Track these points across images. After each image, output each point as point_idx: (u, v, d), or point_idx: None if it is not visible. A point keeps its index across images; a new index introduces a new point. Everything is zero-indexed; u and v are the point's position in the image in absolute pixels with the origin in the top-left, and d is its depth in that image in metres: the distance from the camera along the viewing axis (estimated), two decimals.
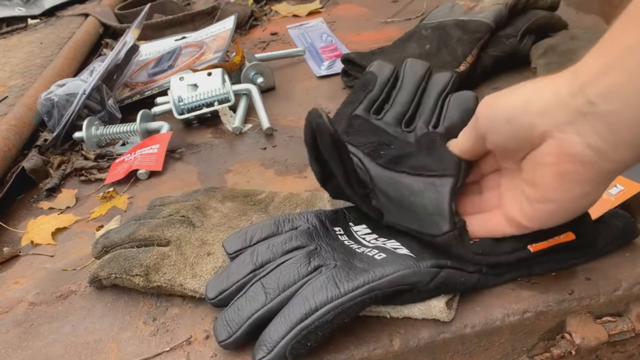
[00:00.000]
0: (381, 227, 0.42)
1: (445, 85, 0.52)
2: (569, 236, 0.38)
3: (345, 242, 0.41)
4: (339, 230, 0.42)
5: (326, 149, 0.37)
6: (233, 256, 0.42)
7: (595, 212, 0.41)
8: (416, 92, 0.52)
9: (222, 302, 0.39)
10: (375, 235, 0.42)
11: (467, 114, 0.47)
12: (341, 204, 0.47)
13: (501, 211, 0.37)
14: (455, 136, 0.40)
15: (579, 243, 0.38)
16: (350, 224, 0.43)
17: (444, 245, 0.38)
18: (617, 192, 0.44)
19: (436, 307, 0.37)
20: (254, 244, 0.42)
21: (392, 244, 0.40)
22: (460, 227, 0.37)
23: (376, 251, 0.39)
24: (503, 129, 0.33)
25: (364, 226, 0.43)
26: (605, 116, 0.28)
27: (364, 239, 0.42)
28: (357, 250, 0.39)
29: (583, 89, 0.29)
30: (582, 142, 0.30)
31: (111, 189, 0.61)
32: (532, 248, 0.37)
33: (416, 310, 0.37)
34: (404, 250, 0.39)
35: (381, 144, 0.45)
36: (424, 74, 0.53)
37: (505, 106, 0.33)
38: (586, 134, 0.29)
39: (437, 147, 0.41)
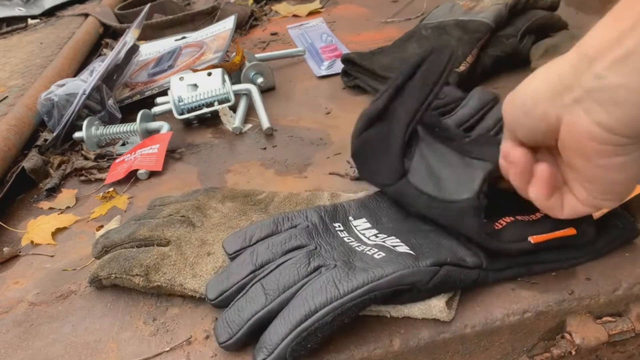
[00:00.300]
0: (381, 222, 0.42)
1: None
2: (570, 231, 0.38)
3: (345, 239, 0.41)
4: (339, 227, 0.42)
5: (433, 70, 0.39)
6: (233, 256, 0.42)
7: (597, 213, 0.41)
8: (479, 111, 0.54)
9: (222, 303, 0.39)
10: (375, 231, 0.42)
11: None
12: (341, 199, 0.47)
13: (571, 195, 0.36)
14: None
15: (579, 240, 0.39)
16: (350, 218, 0.43)
17: (459, 212, 0.38)
18: None
19: (436, 306, 0.37)
20: (254, 243, 0.42)
21: (391, 241, 0.40)
22: (482, 200, 0.38)
23: (376, 250, 0.39)
24: (525, 123, 0.33)
25: (364, 220, 0.43)
26: (613, 90, 0.27)
27: (363, 234, 0.42)
28: (356, 248, 0.39)
29: (591, 65, 0.28)
30: (590, 120, 0.29)
31: (111, 189, 0.61)
32: (533, 239, 0.38)
33: (416, 309, 0.37)
34: (403, 248, 0.39)
35: (441, 127, 0.46)
36: (490, 101, 0.55)
37: (521, 98, 0.33)
38: (593, 111, 0.29)
39: (488, 141, 0.42)
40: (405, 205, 0.43)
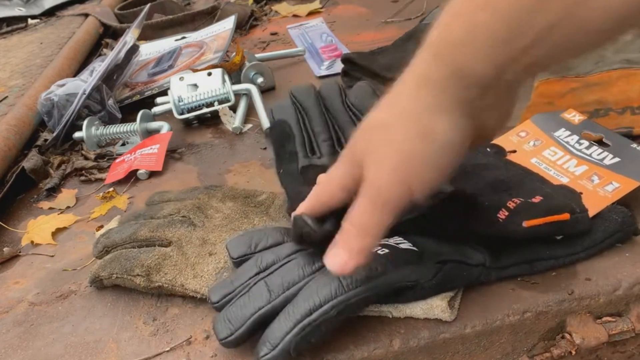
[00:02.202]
0: None
1: (339, 92, 0.53)
2: (564, 216, 0.39)
3: None
4: None
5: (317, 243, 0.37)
6: (236, 260, 0.42)
7: (592, 209, 0.42)
8: (322, 113, 0.53)
9: (225, 306, 0.38)
10: None
11: (371, 98, 0.50)
12: None
13: None
14: None
15: (574, 228, 0.39)
16: None
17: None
18: (613, 189, 0.44)
19: (438, 306, 0.37)
20: (259, 251, 0.42)
21: (394, 239, 0.40)
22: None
23: (379, 247, 0.39)
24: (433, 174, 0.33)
25: None
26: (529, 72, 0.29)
27: None
28: None
29: (501, 77, 0.29)
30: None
31: (111, 189, 0.61)
32: (526, 223, 0.38)
33: (418, 309, 0.37)
34: (406, 245, 0.39)
35: None
36: (316, 95, 0.54)
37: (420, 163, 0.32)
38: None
39: None
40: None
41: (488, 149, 0.51)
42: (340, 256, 0.33)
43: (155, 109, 0.76)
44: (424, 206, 0.37)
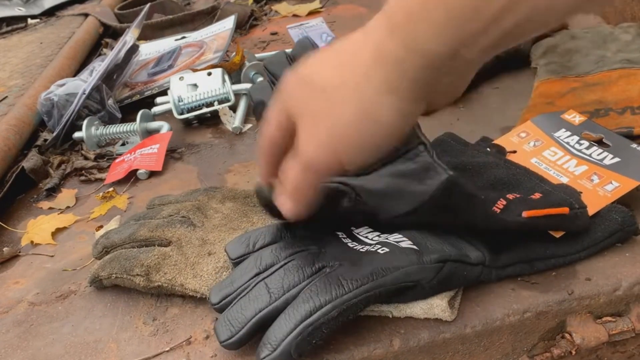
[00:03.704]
0: (383, 225, 0.43)
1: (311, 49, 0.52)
2: (563, 209, 0.39)
3: (349, 244, 0.41)
4: (342, 235, 0.42)
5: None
6: (236, 261, 0.42)
7: (592, 208, 0.42)
8: None
9: (225, 307, 0.38)
10: (377, 233, 0.42)
11: None
12: None
13: None
14: None
15: (573, 223, 0.39)
16: (352, 227, 0.43)
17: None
18: (613, 188, 0.44)
19: (439, 306, 0.37)
20: (257, 249, 0.42)
21: (394, 237, 0.40)
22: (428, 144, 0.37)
23: (379, 246, 0.39)
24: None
25: (366, 227, 0.43)
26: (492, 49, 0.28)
27: (366, 237, 0.42)
28: (360, 250, 0.39)
29: (456, 56, 0.27)
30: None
31: (111, 189, 0.61)
32: (526, 214, 0.38)
33: (418, 309, 0.37)
34: (406, 243, 0.39)
35: None
36: (288, 61, 0.51)
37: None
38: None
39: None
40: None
41: (488, 149, 0.51)
42: (285, 204, 0.34)
43: (155, 109, 0.76)
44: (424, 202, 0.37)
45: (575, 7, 0.24)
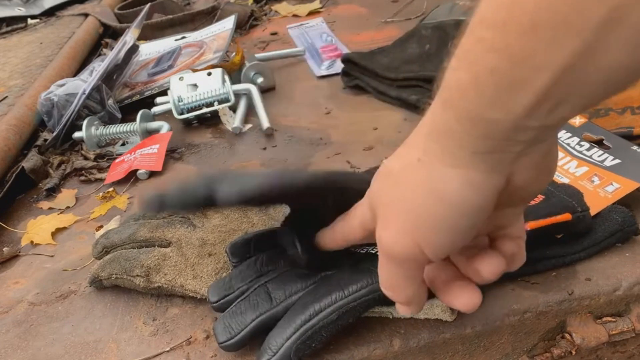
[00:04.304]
0: None
1: None
2: (566, 216, 0.39)
3: (350, 248, 0.41)
4: None
5: None
6: (236, 264, 0.42)
7: (593, 209, 0.42)
8: None
9: (224, 306, 0.38)
10: None
11: None
12: None
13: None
14: None
15: (576, 227, 0.39)
16: None
17: None
18: (614, 189, 0.44)
19: (439, 306, 0.37)
20: (258, 251, 0.41)
21: None
22: None
23: (378, 249, 0.39)
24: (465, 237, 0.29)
25: None
26: (562, 118, 0.25)
27: None
28: (360, 251, 0.39)
29: (519, 126, 0.25)
30: (547, 144, 0.27)
31: (111, 189, 0.61)
32: (528, 226, 0.38)
33: None
34: None
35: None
36: None
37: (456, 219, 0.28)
38: (547, 138, 0.27)
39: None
40: None
41: None
42: (400, 308, 0.32)
43: (155, 109, 0.76)
44: None
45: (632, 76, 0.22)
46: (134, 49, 0.90)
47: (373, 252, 0.39)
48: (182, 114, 0.74)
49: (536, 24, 0.21)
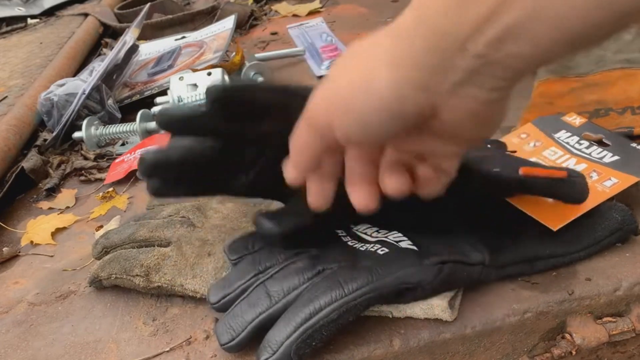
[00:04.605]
0: (382, 222, 0.43)
1: None
2: (561, 173, 0.40)
3: (349, 243, 0.41)
4: (341, 232, 0.42)
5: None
6: (235, 262, 0.42)
7: (591, 204, 0.42)
8: None
9: (224, 307, 0.38)
10: (376, 228, 0.42)
11: None
12: None
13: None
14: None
15: (571, 190, 0.40)
16: (351, 225, 0.43)
17: None
18: (612, 184, 0.44)
19: (439, 306, 0.37)
20: (257, 250, 0.42)
21: (394, 236, 0.40)
22: None
23: (379, 245, 0.39)
24: (373, 126, 0.29)
25: (365, 223, 0.43)
26: (505, 60, 0.25)
27: (365, 233, 0.42)
28: (360, 249, 0.39)
29: (464, 45, 0.25)
30: (486, 90, 0.27)
31: (111, 189, 0.61)
32: (522, 170, 0.39)
33: (418, 309, 0.37)
34: (406, 243, 0.39)
35: None
36: None
37: (361, 101, 0.28)
38: (486, 82, 0.26)
39: None
40: None
41: (488, 145, 0.51)
42: (289, 171, 0.34)
43: (155, 109, 0.76)
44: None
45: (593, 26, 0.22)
46: (133, 49, 0.90)
47: (373, 249, 0.39)
48: None
49: None
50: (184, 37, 1.02)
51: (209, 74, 0.75)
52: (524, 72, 0.26)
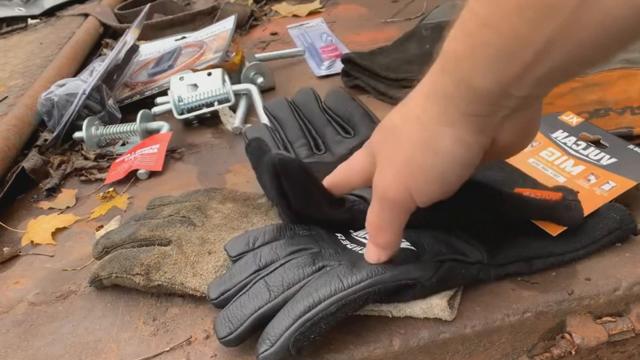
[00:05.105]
0: None
1: (314, 98, 0.56)
2: (556, 195, 0.40)
3: (348, 246, 0.41)
4: (341, 236, 0.42)
5: (297, 182, 0.38)
6: (235, 259, 0.42)
7: (589, 208, 0.42)
8: (297, 121, 0.54)
9: (224, 303, 0.38)
10: None
11: (347, 101, 0.53)
12: None
13: None
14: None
15: (568, 214, 0.40)
16: (351, 230, 0.43)
17: None
18: (610, 188, 0.44)
19: (438, 305, 0.37)
20: (257, 247, 0.42)
21: None
22: None
23: None
24: (445, 188, 0.33)
25: (364, 229, 0.44)
26: (544, 91, 0.30)
27: (364, 238, 0.42)
28: (359, 252, 0.39)
29: (507, 93, 0.29)
30: (531, 110, 0.31)
31: (111, 189, 0.61)
32: (517, 189, 0.39)
33: (418, 309, 0.37)
34: (404, 244, 0.39)
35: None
36: (289, 105, 0.55)
37: (438, 170, 0.32)
38: (530, 105, 0.30)
39: None
40: None
41: None
42: (372, 251, 0.36)
43: (155, 109, 0.76)
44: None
45: (617, 47, 0.25)
46: (134, 49, 0.90)
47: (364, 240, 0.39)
48: (182, 114, 0.74)
49: (522, 5, 0.24)
50: (184, 38, 1.02)
51: (209, 74, 0.75)
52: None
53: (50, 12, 1.47)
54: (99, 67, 0.82)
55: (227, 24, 0.97)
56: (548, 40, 0.24)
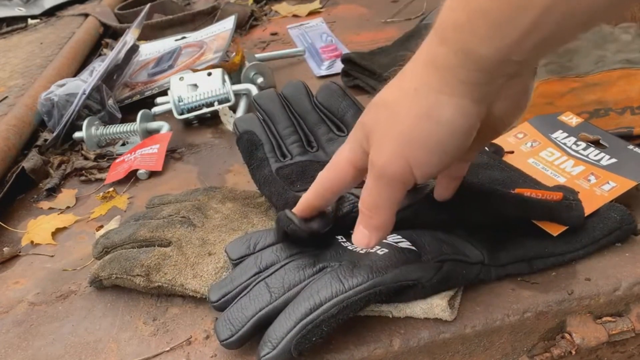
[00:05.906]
0: None
1: (305, 92, 0.55)
2: (557, 194, 0.40)
3: (349, 247, 0.41)
4: (341, 238, 0.42)
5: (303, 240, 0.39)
6: (236, 262, 0.42)
7: (589, 208, 0.42)
8: (289, 116, 0.54)
9: (225, 305, 0.38)
10: None
11: (340, 97, 0.53)
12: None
13: None
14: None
15: (569, 214, 0.40)
16: (351, 231, 0.43)
17: None
18: (610, 188, 0.44)
19: (439, 305, 0.37)
20: (258, 250, 0.42)
21: (392, 238, 0.40)
22: None
23: (378, 247, 0.39)
24: (445, 159, 0.32)
25: None
26: (542, 55, 0.29)
27: None
28: (360, 252, 0.39)
29: (507, 58, 0.29)
30: (526, 76, 0.32)
31: (111, 189, 0.61)
32: (517, 190, 0.39)
33: (418, 309, 0.37)
34: (405, 244, 0.39)
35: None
36: (279, 98, 0.55)
37: (437, 137, 0.32)
38: (526, 71, 0.31)
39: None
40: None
41: (486, 147, 0.51)
42: (362, 234, 0.35)
43: (155, 109, 0.76)
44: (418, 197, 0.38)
45: (607, 8, 0.26)
46: (134, 49, 0.90)
47: (372, 250, 0.39)
48: (182, 114, 0.74)
49: None
50: (184, 38, 1.02)
51: (209, 74, 0.75)
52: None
53: (50, 12, 1.47)
54: (99, 67, 0.82)
55: (227, 24, 0.97)
56: (547, 4, 0.25)
